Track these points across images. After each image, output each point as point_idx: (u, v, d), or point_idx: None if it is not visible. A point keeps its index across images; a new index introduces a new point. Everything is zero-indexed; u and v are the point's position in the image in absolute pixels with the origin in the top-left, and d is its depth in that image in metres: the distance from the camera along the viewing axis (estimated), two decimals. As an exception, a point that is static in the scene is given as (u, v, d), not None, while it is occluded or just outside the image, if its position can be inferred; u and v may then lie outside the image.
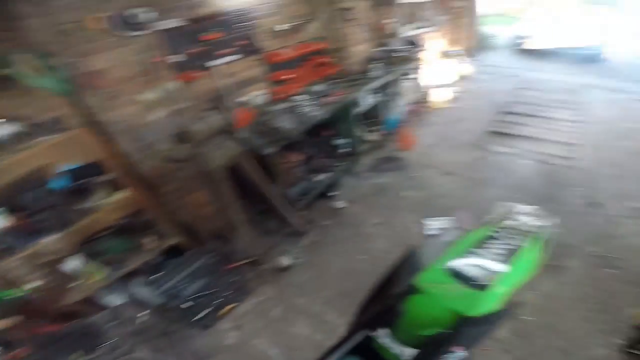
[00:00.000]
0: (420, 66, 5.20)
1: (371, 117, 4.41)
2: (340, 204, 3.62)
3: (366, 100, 4.00)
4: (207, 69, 2.91)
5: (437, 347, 1.30)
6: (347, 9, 3.92)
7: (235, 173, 3.07)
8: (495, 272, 1.48)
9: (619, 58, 7.97)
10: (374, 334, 1.44)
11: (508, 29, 10.25)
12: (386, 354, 1.44)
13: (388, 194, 3.74)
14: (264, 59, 3.44)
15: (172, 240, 2.63)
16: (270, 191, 2.93)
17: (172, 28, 2.56)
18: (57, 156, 2.06)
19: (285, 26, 3.56)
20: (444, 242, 1.77)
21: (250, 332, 2.50)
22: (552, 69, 7.52)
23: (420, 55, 5.16)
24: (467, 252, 1.60)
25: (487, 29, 9.55)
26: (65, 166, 2.11)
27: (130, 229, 2.50)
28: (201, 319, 2.45)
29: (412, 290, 1.51)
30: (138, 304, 2.46)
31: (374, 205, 3.60)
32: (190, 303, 2.39)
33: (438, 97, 5.73)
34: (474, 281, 1.46)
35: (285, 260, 2.92)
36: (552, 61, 8.06)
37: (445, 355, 1.32)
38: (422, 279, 1.52)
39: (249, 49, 3.22)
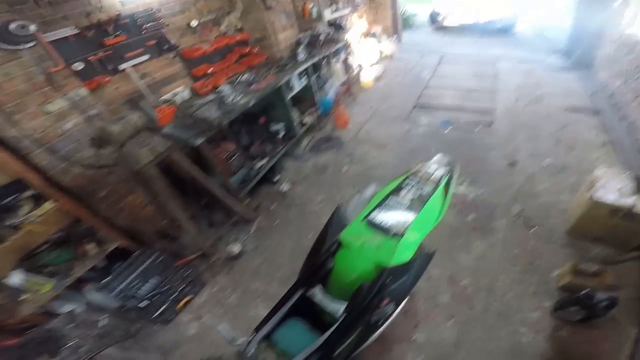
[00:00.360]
0: (346, 47, 5.29)
1: (304, 100, 4.43)
2: (284, 186, 3.64)
3: (297, 84, 3.98)
4: (118, 72, 2.81)
5: (362, 300, 1.33)
6: None
7: (170, 170, 2.99)
8: (406, 220, 1.54)
9: (527, 30, 8.88)
10: (309, 292, 1.47)
11: (426, 7, 10.83)
12: (322, 310, 1.49)
13: (329, 172, 3.83)
14: (181, 56, 3.30)
15: (114, 244, 2.65)
16: (209, 183, 2.87)
17: (67, 36, 2.47)
18: None
19: (201, 21, 3.43)
20: (366, 198, 1.83)
21: (210, 320, 2.53)
22: (468, 43, 8.15)
23: (345, 36, 5.23)
24: (384, 202, 1.65)
25: (406, 8, 9.95)
26: None
27: (68, 238, 2.52)
28: (161, 314, 2.50)
29: (338, 245, 1.55)
30: (95, 309, 2.47)
31: (316, 184, 3.67)
32: (147, 302, 2.43)
33: (366, 76, 5.90)
34: (389, 230, 1.51)
35: (235, 249, 2.91)
36: (468, 36, 8.74)
37: (376, 311, 1.38)
38: (346, 234, 1.56)
39: (162, 48, 3.11)
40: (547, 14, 10.20)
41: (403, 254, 1.48)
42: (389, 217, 1.58)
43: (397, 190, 1.74)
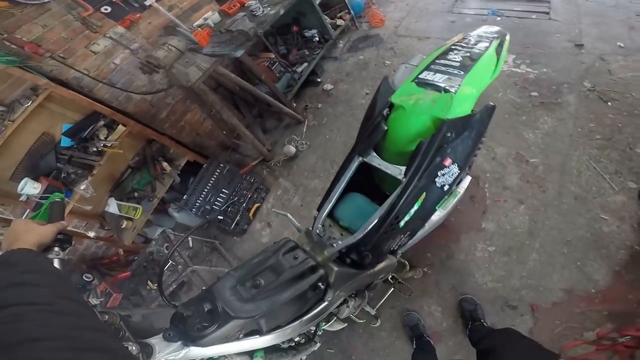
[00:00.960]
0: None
1: (334, 4, 4.18)
2: (327, 86, 3.64)
3: None
4: (146, 7, 2.77)
5: (423, 157, 1.26)
6: None
7: (220, 85, 3.20)
8: (459, 76, 1.42)
9: None
10: (365, 158, 1.44)
11: None
12: (381, 176, 1.48)
13: (370, 67, 3.67)
14: None
15: (184, 159, 2.87)
16: (257, 91, 2.93)
17: None
18: (53, 119, 2.29)
19: None
20: (412, 66, 1.71)
21: (278, 225, 2.69)
22: None
23: None
24: (433, 65, 1.53)
25: None
26: (66, 125, 2.33)
27: (145, 161, 2.75)
28: (236, 225, 2.69)
29: (389, 107, 1.47)
30: (183, 229, 2.80)
31: (359, 80, 3.59)
32: (222, 215, 2.61)
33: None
34: (442, 87, 1.39)
35: (291, 149, 3.04)
36: None
37: (438, 172, 1.29)
38: (397, 95, 1.47)
39: None
40: None
41: (461, 106, 1.36)
42: (441, 75, 1.46)
43: (444, 53, 1.59)
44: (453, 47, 1.64)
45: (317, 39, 3.80)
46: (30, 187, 2.03)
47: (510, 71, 2.99)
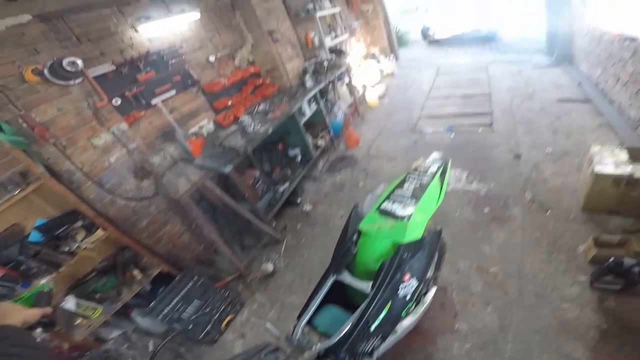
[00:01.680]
0: (349, 70, 5.63)
1: (316, 124, 4.73)
2: (306, 207, 3.85)
3: (308, 109, 4.28)
4: (151, 107, 3.06)
5: (385, 275, 1.56)
6: (272, 31, 4.20)
7: (203, 198, 3.24)
8: (411, 204, 1.83)
9: (510, 35, 9.35)
10: (339, 277, 1.72)
11: (417, 23, 11.44)
12: (352, 290, 1.72)
13: (346, 189, 4.05)
14: (203, 90, 3.63)
15: (157, 270, 2.77)
16: (240, 208, 3.06)
17: (106, 73, 2.71)
18: (29, 211, 2.19)
19: (217, 55, 3.79)
20: (377, 194, 2.14)
21: (253, 337, 2.64)
22: (459, 53, 8.60)
23: (347, 60, 5.63)
24: (392, 195, 1.94)
25: (399, 27, 10.52)
26: (40, 221, 2.24)
27: (114, 266, 2.64)
28: (206, 335, 2.60)
29: (358, 233, 1.82)
30: (144, 333, 2.57)
31: (336, 201, 3.87)
32: (191, 324, 2.53)
33: (370, 95, 6.25)
34: (398, 215, 1.78)
35: (269, 267, 3.08)
36: (459, 46, 9.22)
37: (399, 286, 1.57)
38: (363, 223, 1.83)
39: (186, 83, 3.40)
40: (525, 17, 10.76)
41: (414, 232, 1.73)
42: (397, 205, 1.86)
43: (401, 184, 2.03)
44: (407, 177, 2.11)
45: (299, 158, 4.22)
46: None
47: (464, 189, 3.47)
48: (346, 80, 5.62)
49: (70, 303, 2.29)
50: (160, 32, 3.17)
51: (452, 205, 3.26)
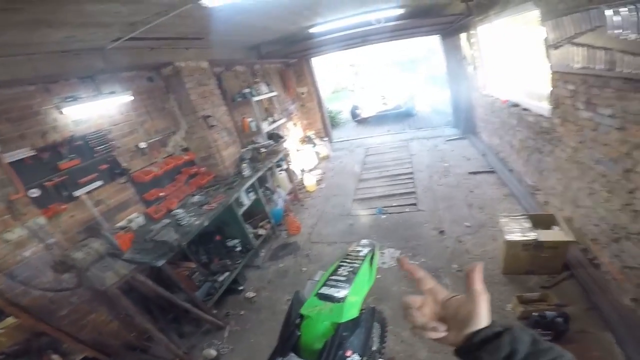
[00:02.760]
0: (287, 156, 5.89)
1: (256, 213, 4.69)
2: (249, 294, 3.76)
3: (246, 199, 4.27)
4: (74, 199, 2.87)
5: (328, 353, 1.59)
6: (207, 117, 4.24)
7: (133, 289, 3.01)
8: (346, 288, 1.93)
9: (424, 108, 10.98)
10: (285, 359, 1.70)
11: (346, 102, 12.84)
12: None
13: (290, 274, 4.01)
14: (133, 180, 3.45)
15: (81, 356, 2.60)
16: (175, 299, 2.95)
17: (24, 158, 2.53)
18: None
19: (148, 142, 3.68)
20: (315, 281, 2.27)
21: None
22: (383, 131, 9.74)
23: (284, 145, 5.90)
24: (328, 280, 2.08)
25: (331, 106, 11.69)
26: None
27: (28, 350, 2.42)
28: None
29: (301, 318, 1.86)
30: None
31: (281, 287, 3.83)
32: None
33: (309, 180, 6.48)
34: (335, 298, 1.87)
35: (211, 353, 2.98)
36: (383, 123, 10.52)
37: None
38: (305, 308, 1.89)
39: (114, 172, 3.25)
40: (435, 91, 12.90)
41: (350, 311, 1.82)
42: (334, 289, 2.00)
43: (336, 270, 2.20)
44: (342, 262, 2.24)
45: (239, 248, 4.11)
46: None
47: (398, 265, 3.66)
48: (285, 166, 5.76)
49: None
50: (88, 114, 3.05)
51: (390, 281, 3.44)
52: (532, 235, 2.93)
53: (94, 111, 3.11)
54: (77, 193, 2.87)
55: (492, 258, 3.41)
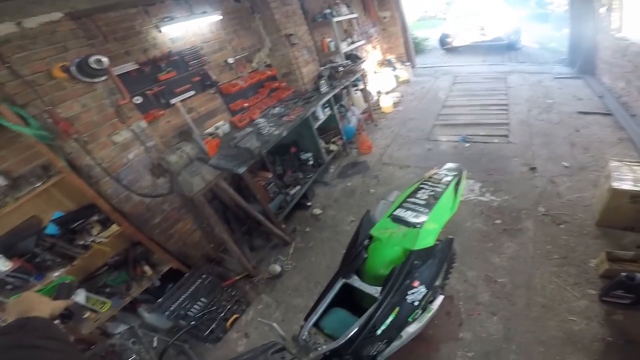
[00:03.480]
0: (364, 77, 5.63)
1: (329, 129, 4.74)
2: (316, 211, 3.85)
3: (322, 114, 4.31)
4: (170, 106, 3.15)
5: (395, 280, 1.57)
6: (289, 35, 4.26)
7: (216, 197, 3.30)
8: (425, 213, 1.83)
9: (531, 43, 9.21)
10: (348, 280, 1.72)
11: (435, 31, 11.37)
12: (361, 294, 1.72)
13: (357, 195, 4.04)
14: (221, 91, 3.69)
15: (167, 267, 2.79)
16: (251, 209, 3.08)
17: (129, 71, 2.80)
18: (48, 204, 2.24)
19: (235, 58, 3.86)
20: (390, 202, 2.14)
21: (257, 337, 2.63)
22: (478, 61, 8.50)
23: (362, 66, 5.60)
24: (404, 203, 1.94)
25: (416, 33, 10.49)
26: (57, 213, 2.29)
27: (126, 261, 2.66)
28: (211, 333, 2.60)
29: (369, 239, 1.83)
30: (150, 329, 2.59)
31: (346, 207, 3.86)
32: (197, 322, 2.55)
33: (385, 102, 6.22)
34: (411, 222, 1.78)
35: (276, 268, 3.09)
36: (478, 54, 9.13)
37: (408, 292, 1.58)
38: (375, 229, 1.84)
39: (205, 84, 3.48)
40: (547, 27, 10.58)
41: (425, 239, 1.73)
42: (410, 213, 1.86)
43: (414, 192, 2.03)
44: (422, 185, 2.11)
45: (311, 162, 4.25)
46: (0, 265, 1.98)
47: (477, 200, 3.42)
48: (361, 86, 5.63)
49: (80, 296, 2.31)
50: (183, 33, 3.26)
51: (463, 215, 3.23)
52: None
53: (189, 29, 3.31)
54: (173, 101, 3.11)
55: (587, 206, 2.99)
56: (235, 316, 2.77)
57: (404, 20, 8.00)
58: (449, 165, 2.29)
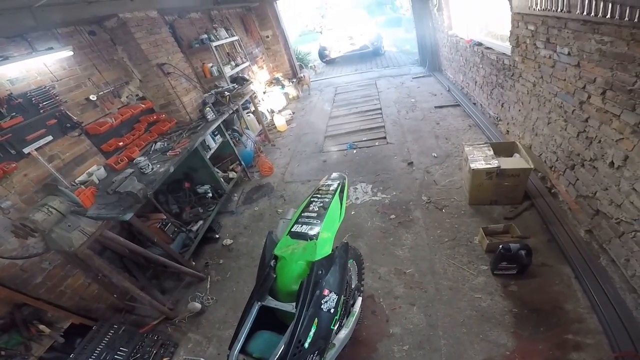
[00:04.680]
0: (255, 98, 5.70)
1: (226, 156, 4.62)
2: (227, 241, 3.73)
3: (213, 142, 4.15)
4: (24, 156, 2.71)
5: (306, 292, 1.63)
6: (162, 64, 4.01)
7: (107, 248, 3.03)
8: (318, 225, 1.97)
9: (391, 47, 10.81)
10: (263, 302, 1.74)
11: (315, 44, 12.26)
12: (281, 313, 1.76)
13: (266, 217, 4.01)
14: (87, 132, 3.27)
15: (67, 322, 2.59)
16: (150, 254, 2.86)
17: None
18: None
19: (99, 95, 3.46)
20: (287, 219, 2.21)
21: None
22: (352, 70, 9.55)
23: (250, 88, 5.66)
24: (300, 218, 2.07)
25: (299, 48, 11.07)
26: None
27: (13, 323, 2.40)
28: None
29: (275, 258, 1.89)
30: None
31: (257, 231, 3.81)
32: None
33: (279, 121, 6.37)
34: (308, 236, 1.91)
35: (196, 306, 2.95)
36: (351, 63, 10.28)
37: (321, 301, 1.65)
38: (278, 248, 1.92)
39: (65, 126, 3.06)
40: (401, 30, 12.55)
41: (323, 248, 1.86)
42: (306, 227, 1.98)
43: (307, 206, 2.17)
44: (312, 198, 2.22)
45: (210, 194, 4.03)
46: None
47: (371, 200, 3.75)
48: (252, 108, 5.63)
49: None
50: (25, 72, 2.84)
51: (363, 216, 3.49)
52: (495, 163, 2.93)
53: (32, 68, 2.90)
54: (26, 150, 2.70)
55: (459, 188, 3.52)
56: (165, 359, 2.60)
57: (286, 38, 8.39)
58: (334, 174, 2.49)
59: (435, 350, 2.21)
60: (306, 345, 1.56)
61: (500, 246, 2.39)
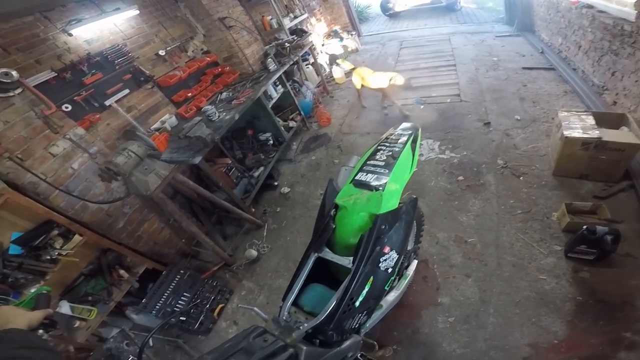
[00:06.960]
0: (314, 50, 5.50)
1: (286, 106, 4.65)
2: (284, 189, 3.80)
3: (274, 92, 4.15)
4: (106, 108, 2.93)
5: (365, 248, 1.51)
6: (223, 18, 4.01)
7: (177, 192, 3.21)
8: (385, 174, 1.79)
9: (469, 4, 9.43)
10: (320, 254, 1.66)
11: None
12: (336, 266, 1.68)
13: (322, 167, 3.99)
14: (159, 85, 3.44)
15: (143, 267, 2.78)
16: (216, 198, 2.99)
17: (48, 80, 2.54)
18: (1, 227, 2.15)
19: (167, 49, 3.59)
20: (350, 167, 2.08)
21: (245, 323, 2.59)
22: (420, 25, 8.58)
23: (309, 40, 5.43)
24: (365, 166, 1.90)
25: (358, 1, 10.31)
26: (15, 234, 2.20)
27: (100, 268, 2.64)
28: (200, 325, 2.61)
29: (335, 208, 1.76)
30: (142, 329, 2.61)
31: (313, 180, 3.82)
32: (184, 317, 2.56)
33: (337, 73, 6.14)
34: (373, 186, 1.74)
35: (252, 253, 3.04)
36: (419, 17, 9.22)
37: (380, 259, 1.54)
38: (339, 197, 1.78)
39: (139, 80, 3.24)
40: None
41: (389, 201, 1.69)
42: (371, 175, 1.81)
43: (373, 154, 1.97)
44: (379, 147, 2.04)
45: (271, 142, 4.13)
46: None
47: (438, 158, 3.48)
48: (311, 60, 5.48)
49: (64, 308, 2.32)
50: (98, 33, 3.01)
51: (427, 175, 3.27)
52: (595, 133, 2.50)
53: (104, 29, 3.06)
54: (107, 102, 2.92)
55: (543, 156, 3.09)
56: (220, 306, 2.75)
57: (345, -11, 7.82)
58: (404, 125, 2.25)
59: (481, 327, 2.06)
60: (357, 304, 1.49)
61: (585, 227, 2.07)
